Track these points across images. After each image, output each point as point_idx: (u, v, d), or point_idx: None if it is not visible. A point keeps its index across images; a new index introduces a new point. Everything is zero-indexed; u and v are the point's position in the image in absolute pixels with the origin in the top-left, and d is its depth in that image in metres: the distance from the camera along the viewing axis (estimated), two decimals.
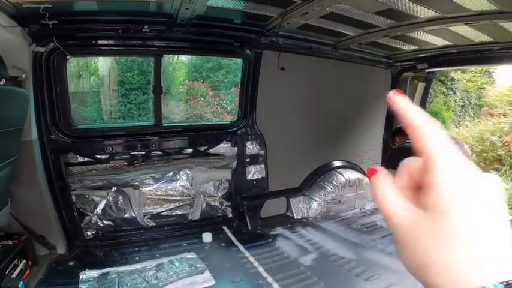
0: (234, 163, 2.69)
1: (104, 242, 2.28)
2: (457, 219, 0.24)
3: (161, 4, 1.82)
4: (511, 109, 5.21)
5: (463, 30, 2.09)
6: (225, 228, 2.58)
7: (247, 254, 2.15)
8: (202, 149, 2.60)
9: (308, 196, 2.98)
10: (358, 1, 1.79)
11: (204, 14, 1.93)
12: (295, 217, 2.86)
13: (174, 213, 2.56)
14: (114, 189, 2.36)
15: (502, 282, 0.22)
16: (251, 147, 2.71)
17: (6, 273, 1.60)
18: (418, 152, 0.26)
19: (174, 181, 2.52)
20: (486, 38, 2.21)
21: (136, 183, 2.41)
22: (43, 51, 1.91)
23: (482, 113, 6.86)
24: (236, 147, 2.68)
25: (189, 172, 2.55)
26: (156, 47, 2.28)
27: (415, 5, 1.75)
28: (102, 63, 5.41)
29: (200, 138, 2.59)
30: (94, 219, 2.33)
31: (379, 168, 0.28)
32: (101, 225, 2.35)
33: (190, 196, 2.58)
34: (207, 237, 2.37)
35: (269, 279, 1.84)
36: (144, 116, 5.30)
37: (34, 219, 1.98)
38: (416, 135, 0.26)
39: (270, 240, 2.44)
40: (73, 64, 4.92)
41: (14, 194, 1.85)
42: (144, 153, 2.42)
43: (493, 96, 6.19)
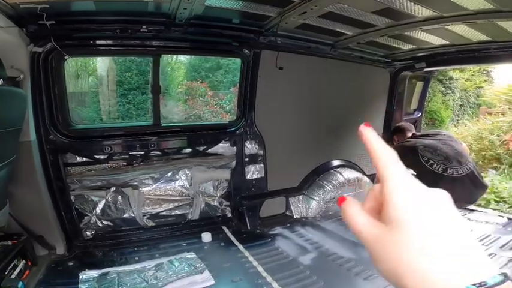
0: (233, 163, 2.69)
1: (104, 242, 2.27)
2: (411, 229, 0.27)
3: (159, 4, 1.82)
4: (509, 108, 5.22)
5: (461, 29, 2.10)
6: (225, 228, 2.58)
7: (247, 253, 2.15)
8: (201, 148, 2.60)
9: (307, 195, 2.98)
10: (356, 0, 1.79)
11: (202, 13, 1.93)
12: (295, 216, 2.86)
13: (173, 213, 2.56)
14: (113, 189, 2.35)
15: (474, 284, 0.24)
16: (250, 147, 2.71)
17: (6, 273, 1.59)
18: (379, 176, 0.30)
19: (173, 181, 2.52)
20: (484, 37, 2.21)
21: (136, 183, 2.40)
22: (41, 51, 1.90)
23: (481, 112, 6.88)
24: (235, 147, 2.68)
25: (188, 172, 2.55)
26: (154, 47, 2.27)
27: (413, 4, 1.76)
28: (101, 63, 5.40)
29: (199, 138, 2.58)
30: (93, 219, 2.33)
31: (347, 196, 0.33)
32: (100, 226, 2.35)
33: (189, 196, 2.58)
34: (206, 237, 2.37)
35: (268, 279, 1.84)
36: (143, 116, 5.30)
37: (33, 220, 1.98)
38: (376, 161, 0.31)
39: (269, 239, 2.44)
40: (71, 64, 4.92)
41: (13, 194, 1.85)
42: (143, 153, 2.42)
43: (491, 95, 6.21)
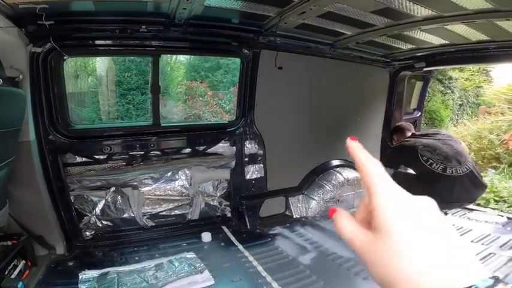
0: (233, 163, 2.69)
1: (103, 242, 2.28)
2: (400, 238, 0.28)
3: (158, 4, 1.82)
4: (509, 107, 5.22)
5: (460, 29, 2.10)
6: (224, 227, 2.58)
7: (247, 253, 2.16)
8: (201, 148, 2.60)
9: (307, 195, 2.98)
10: (355, 0, 1.79)
11: (202, 13, 1.93)
12: (294, 216, 2.87)
13: (173, 213, 2.56)
14: (112, 189, 2.35)
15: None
16: (250, 147, 2.71)
17: (6, 273, 1.60)
18: (366, 187, 0.32)
19: (173, 181, 2.52)
20: (483, 36, 2.22)
21: (135, 183, 2.40)
22: (40, 51, 1.90)
23: (480, 112, 6.89)
24: (235, 147, 2.68)
25: (187, 172, 2.55)
26: (154, 47, 2.27)
27: (412, 3, 1.76)
28: (100, 64, 5.40)
29: (198, 137, 2.58)
30: (93, 219, 2.33)
31: (337, 208, 0.34)
32: (100, 226, 2.35)
33: (189, 196, 2.58)
34: (206, 237, 2.37)
35: (268, 278, 1.84)
36: (142, 116, 5.30)
37: (33, 220, 1.98)
38: (362, 173, 0.32)
39: (269, 239, 2.44)
40: (70, 64, 4.92)
41: (12, 194, 1.85)
42: (142, 153, 2.42)
43: (490, 95, 6.21)
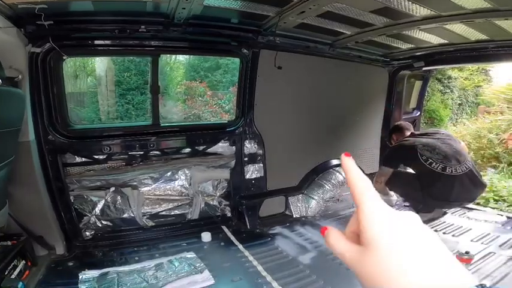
0: (233, 162, 2.70)
1: (103, 242, 2.27)
2: (388, 251, 0.29)
3: (157, 4, 1.81)
4: (508, 107, 5.23)
5: (459, 28, 2.10)
6: (224, 227, 2.58)
7: (247, 253, 2.16)
8: (201, 148, 2.60)
9: (307, 195, 2.98)
10: (354, 0, 1.79)
11: (201, 13, 1.93)
12: (294, 216, 2.87)
13: (172, 213, 2.56)
14: (112, 189, 2.35)
15: None
16: (249, 146, 2.71)
17: (6, 273, 1.60)
18: (355, 203, 0.33)
19: (173, 181, 2.52)
20: (482, 36, 2.22)
21: (135, 183, 2.40)
22: (39, 51, 1.90)
23: (480, 111, 6.90)
24: (234, 147, 2.68)
25: (187, 172, 2.55)
26: (153, 47, 2.27)
27: (411, 3, 1.76)
28: (99, 64, 5.41)
29: (198, 137, 2.58)
30: (93, 219, 2.33)
31: (328, 227, 0.36)
32: (100, 226, 2.35)
33: (188, 196, 2.58)
34: (206, 237, 2.37)
35: (268, 278, 1.84)
36: (142, 116, 5.31)
37: (33, 220, 1.98)
38: (352, 189, 0.33)
39: (269, 239, 2.45)
40: (70, 64, 4.92)
41: (12, 194, 1.85)
42: (142, 153, 2.42)
43: (489, 94, 6.21)
